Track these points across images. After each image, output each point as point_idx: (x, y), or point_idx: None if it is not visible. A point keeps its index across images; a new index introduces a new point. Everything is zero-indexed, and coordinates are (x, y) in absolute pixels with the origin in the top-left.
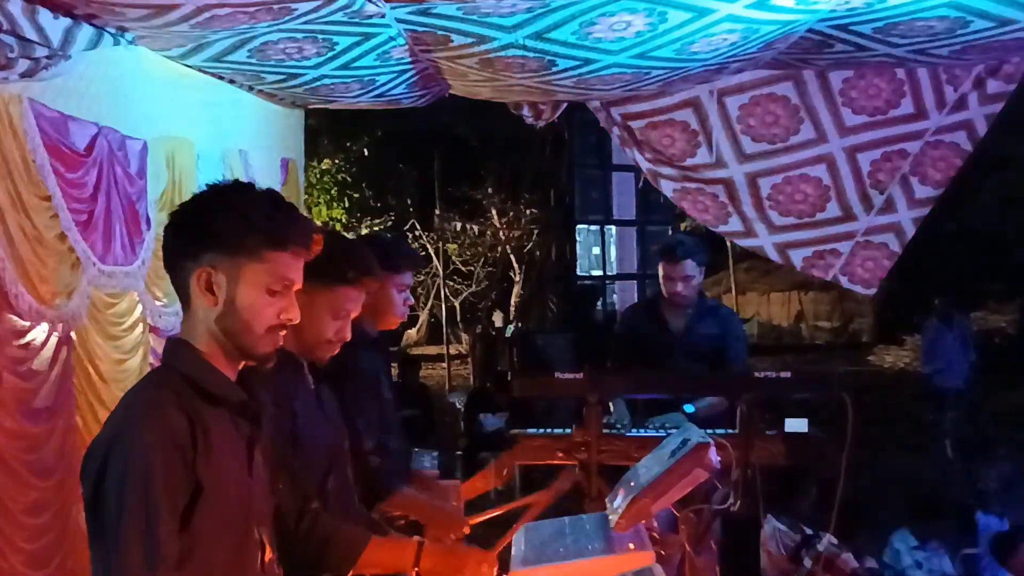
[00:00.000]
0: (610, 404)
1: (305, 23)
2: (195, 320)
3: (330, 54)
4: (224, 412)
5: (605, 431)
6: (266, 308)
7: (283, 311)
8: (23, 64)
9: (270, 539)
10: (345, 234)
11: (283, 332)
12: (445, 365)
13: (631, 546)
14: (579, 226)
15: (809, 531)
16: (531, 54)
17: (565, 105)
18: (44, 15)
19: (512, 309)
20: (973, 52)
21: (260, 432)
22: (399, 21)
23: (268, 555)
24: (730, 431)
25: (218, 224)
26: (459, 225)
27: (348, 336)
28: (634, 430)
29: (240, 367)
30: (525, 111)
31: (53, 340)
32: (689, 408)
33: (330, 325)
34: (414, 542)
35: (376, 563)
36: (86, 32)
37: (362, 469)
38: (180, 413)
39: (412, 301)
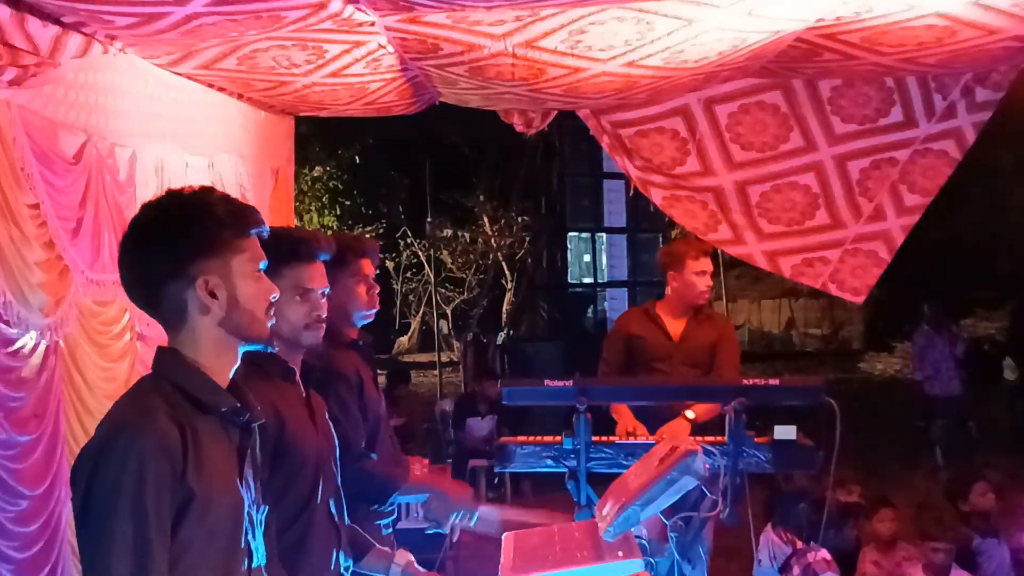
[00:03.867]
0: (615, 416)
1: (294, 31)
2: (190, 333)
3: (320, 62)
4: (215, 420)
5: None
6: (260, 291)
7: (269, 290)
8: (11, 71)
9: (260, 546)
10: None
11: (272, 311)
12: (437, 372)
13: (620, 554)
14: (570, 233)
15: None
16: (520, 62)
17: (555, 113)
18: (33, 23)
19: (504, 316)
20: (961, 61)
21: (250, 440)
22: (388, 29)
23: (255, 563)
24: (719, 438)
25: (196, 233)
26: (451, 232)
27: (324, 312)
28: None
29: (231, 375)
30: (515, 119)
31: (41, 348)
32: (690, 415)
33: (299, 308)
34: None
35: None
36: (75, 40)
37: (360, 469)
38: (171, 421)
39: (378, 287)
